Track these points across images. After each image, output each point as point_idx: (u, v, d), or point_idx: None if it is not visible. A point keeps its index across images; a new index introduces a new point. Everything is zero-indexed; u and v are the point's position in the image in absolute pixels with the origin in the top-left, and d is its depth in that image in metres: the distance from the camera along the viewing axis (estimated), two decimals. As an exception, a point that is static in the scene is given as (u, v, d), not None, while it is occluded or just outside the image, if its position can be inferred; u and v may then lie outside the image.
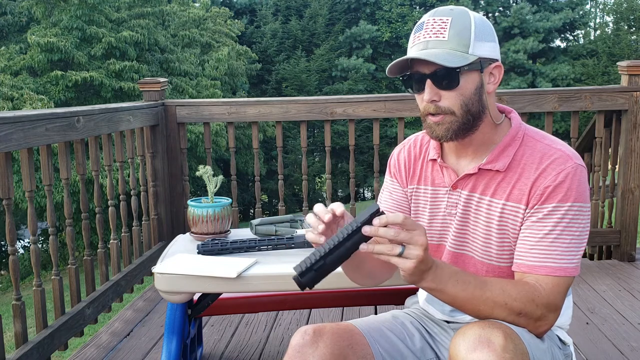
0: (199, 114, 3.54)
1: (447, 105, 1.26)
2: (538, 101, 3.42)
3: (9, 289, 11.90)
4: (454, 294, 1.16)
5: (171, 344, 1.99)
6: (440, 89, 1.25)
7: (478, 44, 1.25)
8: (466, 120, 1.27)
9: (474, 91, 1.26)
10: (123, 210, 3.26)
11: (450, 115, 1.26)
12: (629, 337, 2.58)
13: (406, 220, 1.08)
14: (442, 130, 1.28)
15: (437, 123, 1.28)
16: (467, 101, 1.26)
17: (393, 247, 1.08)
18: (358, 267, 1.34)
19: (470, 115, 1.27)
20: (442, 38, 1.24)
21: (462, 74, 1.24)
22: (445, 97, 1.26)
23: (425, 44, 1.25)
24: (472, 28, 1.25)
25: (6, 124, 2.09)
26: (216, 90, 17.42)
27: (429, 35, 1.25)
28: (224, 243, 1.91)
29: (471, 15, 1.27)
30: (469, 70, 1.24)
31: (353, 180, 3.78)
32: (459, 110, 1.26)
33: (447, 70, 1.23)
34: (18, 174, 8.92)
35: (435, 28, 1.25)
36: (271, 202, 23.40)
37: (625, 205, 3.51)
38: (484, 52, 1.26)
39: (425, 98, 1.26)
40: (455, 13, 1.26)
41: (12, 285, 2.28)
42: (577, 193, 1.24)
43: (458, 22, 1.25)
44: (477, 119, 1.28)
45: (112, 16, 15.75)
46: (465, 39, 1.24)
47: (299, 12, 26.69)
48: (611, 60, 25.63)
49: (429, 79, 1.25)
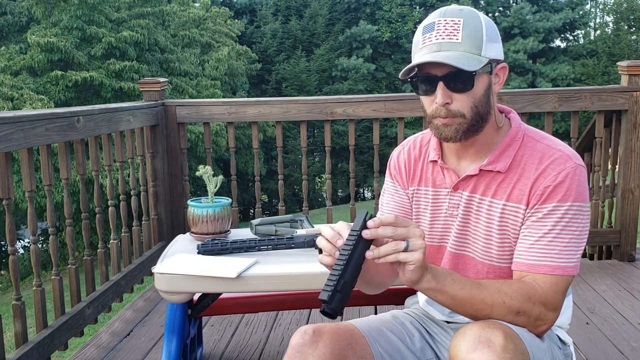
0: (199, 114, 3.54)
1: (457, 108, 1.24)
2: (538, 101, 3.42)
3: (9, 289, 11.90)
4: (453, 293, 1.17)
5: (171, 344, 1.99)
6: (453, 91, 1.23)
7: (489, 46, 1.23)
8: (475, 122, 1.26)
9: (484, 93, 1.26)
10: (123, 210, 3.26)
11: (461, 117, 1.25)
12: (629, 337, 2.58)
13: (397, 217, 1.12)
14: (451, 132, 1.26)
15: (446, 125, 1.26)
16: (477, 103, 1.25)
17: (397, 244, 1.10)
18: (371, 281, 1.35)
19: (479, 117, 1.26)
20: (455, 40, 1.21)
21: (476, 77, 1.22)
22: (457, 100, 1.24)
23: (439, 45, 1.22)
24: (484, 30, 1.23)
25: (6, 124, 2.09)
26: (216, 90, 17.42)
27: (442, 37, 1.22)
28: (224, 243, 1.91)
29: (480, 16, 1.25)
30: (482, 72, 1.23)
31: (353, 180, 3.78)
32: (470, 112, 1.25)
33: (461, 73, 1.20)
34: (18, 174, 8.91)
35: (448, 29, 1.22)
36: (271, 202, 23.40)
37: (625, 205, 3.51)
38: (493, 53, 1.24)
39: (439, 101, 1.24)
40: (466, 14, 1.24)
41: (12, 285, 2.28)
42: (577, 193, 1.24)
43: (470, 23, 1.23)
44: (484, 121, 1.28)
45: (112, 16, 15.75)
46: (478, 41, 1.22)
47: (299, 12, 26.69)
48: (611, 60, 25.64)
49: (441, 82, 1.23)
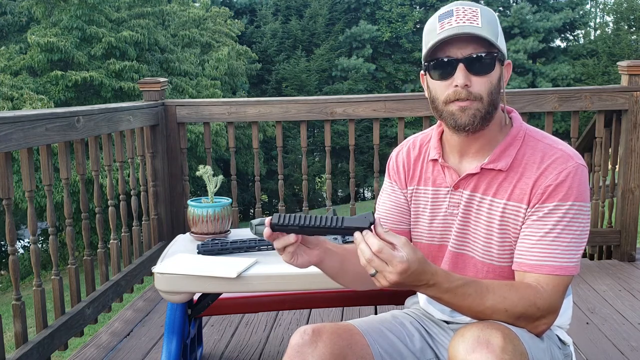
0: (199, 114, 3.54)
1: (477, 91, 1.24)
2: (538, 101, 3.42)
3: (9, 289, 11.90)
4: (450, 304, 1.17)
5: (171, 344, 1.99)
6: (474, 73, 1.23)
7: (500, 39, 1.26)
8: (490, 109, 1.26)
9: (497, 82, 1.26)
10: (123, 210, 3.25)
11: (479, 101, 1.24)
12: (629, 337, 2.58)
13: (383, 250, 1.08)
14: (469, 117, 1.24)
15: (464, 108, 1.24)
16: (493, 89, 1.25)
17: (368, 266, 1.09)
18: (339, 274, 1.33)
19: (493, 105, 1.26)
20: (476, 24, 1.22)
21: (495, 61, 1.24)
22: (476, 83, 1.24)
23: (460, 28, 1.22)
24: (497, 22, 1.27)
25: (6, 123, 2.09)
26: (216, 90, 17.42)
27: (462, 21, 1.22)
28: (224, 243, 1.91)
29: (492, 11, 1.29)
30: (498, 58, 1.25)
31: (353, 180, 3.78)
32: (487, 97, 1.24)
33: (482, 55, 1.22)
34: (18, 174, 8.91)
35: (467, 15, 1.23)
36: (271, 202, 23.40)
37: (625, 205, 3.51)
38: (503, 47, 1.27)
39: (460, 82, 1.22)
40: (480, 6, 1.27)
41: (12, 285, 2.28)
42: (578, 192, 1.24)
43: (486, 13, 1.25)
44: (495, 110, 1.28)
45: (112, 16, 15.74)
46: (494, 30, 1.24)
47: (299, 12, 26.69)
48: (611, 60, 25.64)
49: (461, 63, 1.23)
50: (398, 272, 1.07)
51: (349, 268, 1.31)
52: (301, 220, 1.12)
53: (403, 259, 1.07)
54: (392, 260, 1.07)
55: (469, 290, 1.16)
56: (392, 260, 1.07)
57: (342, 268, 1.31)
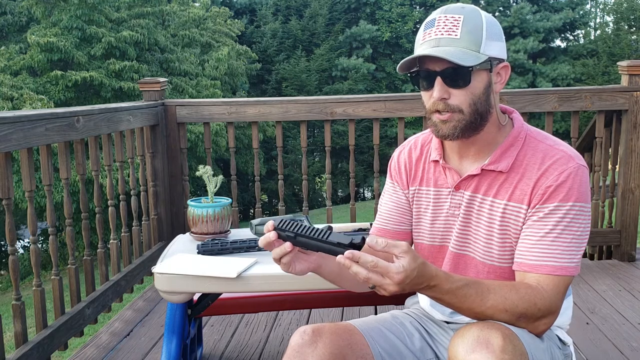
0: (199, 114, 3.54)
1: (456, 104, 1.25)
2: (538, 101, 3.42)
3: (9, 289, 11.90)
4: (451, 305, 1.17)
5: (171, 344, 1.99)
6: (451, 87, 1.24)
7: (489, 44, 1.24)
8: (473, 119, 1.26)
9: (483, 90, 1.26)
10: (123, 210, 3.25)
11: (459, 113, 1.25)
12: (629, 337, 2.58)
13: (378, 264, 1.07)
14: (449, 129, 1.26)
15: (444, 121, 1.26)
16: (476, 100, 1.25)
17: (367, 281, 1.09)
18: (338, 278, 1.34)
19: (477, 114, 1.26)
20: (454, 36, 1.22)
21: (473, 73, 1.23)
22: (455, 95, 1.25)
23: (437, 41, 1.23)
24: (484, 27, 1.24)
25: (6, 123, 2.09)
26: (216, 90, 17.41)
27: (441, 32, 1.23)
28: (224, 243, 1.91)
29: (482, 14, 1.26)
30: (480, 69, 1.24)
31: (353, 180, 3.78)
32: (468, 108, 1.25)
33: (458, 69, 1.21)
34: (18, 174, 8.91)
35: (448, 25, 1.23)
36: (271, 202, 23.41)
37: (625, 205, 3.51)
38: (493, 51, 1.25)
39: (435, 95, 1.25)
40: (467, 11, 1.25)
41: (12, 285, 2.28)
42: (579, 193, 1.24)
43: (470, 20, 1.24)
44: (484, 119, 1.28)
45: (112, 16, 15.75)
46: (477, 38, 1.23)
47: (299, 12, 26.70)
48: (611, 60, 25.63)
49: (439, 77, 1.24)
50: (396, 282, 1.07)
51: (347, 273, 1.30)
52: (297, 229, 1.15)
53: (400, 270, 1.07)
54: (388, 273, 1.07)
55: (470, 291, 1.16)
56: (388, 272, 1.07)
57: (340, 273, 1.32)
